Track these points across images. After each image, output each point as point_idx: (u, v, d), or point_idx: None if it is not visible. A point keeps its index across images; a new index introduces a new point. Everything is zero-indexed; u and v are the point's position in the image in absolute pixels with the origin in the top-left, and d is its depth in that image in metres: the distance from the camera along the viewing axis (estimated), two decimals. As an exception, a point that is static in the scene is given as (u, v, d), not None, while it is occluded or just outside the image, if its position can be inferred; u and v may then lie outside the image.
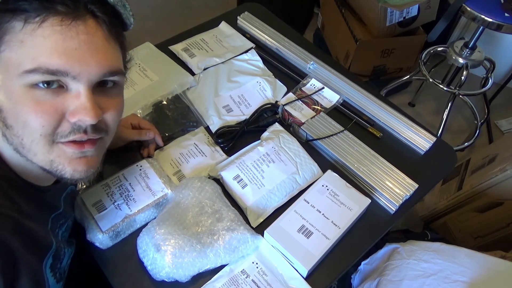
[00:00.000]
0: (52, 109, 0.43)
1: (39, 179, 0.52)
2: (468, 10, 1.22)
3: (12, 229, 0.45)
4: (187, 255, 0.61)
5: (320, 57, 0.97)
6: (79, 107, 0.44)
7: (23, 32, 0.41)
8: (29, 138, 0.44)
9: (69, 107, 0.44)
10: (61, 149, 0.46)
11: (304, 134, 0.83)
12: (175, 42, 0.99)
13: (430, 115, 1.81)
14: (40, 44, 0.41)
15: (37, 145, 0.45)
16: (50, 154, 0.46)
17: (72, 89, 0.44)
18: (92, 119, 0.45)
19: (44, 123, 0.43)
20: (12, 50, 0.42)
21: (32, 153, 0.46)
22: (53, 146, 0.46)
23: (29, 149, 0.45)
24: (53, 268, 0.53)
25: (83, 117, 0.44)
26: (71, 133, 0.45)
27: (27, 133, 0.44)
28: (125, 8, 0.48)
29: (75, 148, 0.47)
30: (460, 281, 0.74)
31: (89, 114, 0.44)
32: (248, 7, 1.10)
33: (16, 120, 0.44)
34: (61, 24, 0.42)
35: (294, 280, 0.64)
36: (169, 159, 0.78)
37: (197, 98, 0.88)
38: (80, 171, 0.48)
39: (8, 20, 0.41)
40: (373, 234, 0.72)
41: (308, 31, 2.11)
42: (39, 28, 0.41)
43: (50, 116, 0.43)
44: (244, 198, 0.72)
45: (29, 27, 0.41)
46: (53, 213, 0.56)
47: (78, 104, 0.44)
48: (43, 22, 0.41)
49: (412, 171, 0.77)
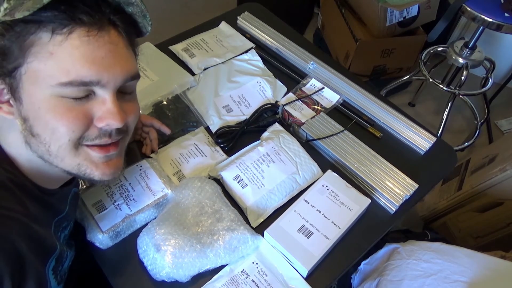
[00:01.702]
0: (81, 115, 0.46)
1: (51, 182, 0.53)
2: (468, 10, 1.22)
3: (22, 233, 0.46)
4: (187, 255, 0.61)
5: (320, 57, 0.97)
6: (106, 113, 0.47)
7: (51, 44, 0.42)
8: (56, 144, 0.46)
9: (96, 113, 0.47)
10: (87, 152, 0.49)
11: (304, 134, 0.83)
12: (175, 42, 0.99)
13: (430, 115, 1.81)
14: (71, 55, 0.43)
15: (64, 150, 0.47)
16: (77, 158, 0.48)
17: (99, 95, 0.46)
18: (120, 123, 0.47)
19: (75, 128, 0.46)
20: (41, 62, 0.43)
21: (59, 159, 0.48)
22: (79, 149, 0.48)
23: (56, 155, 0.47)
24: (55, 271, 0.53)
25: (111, 121, 0.47)
26: (97, 137, 0.48)
27: (55, 139, 0.46)
28: (144, 17, 0.50)
29: (101, 152, 0.49)
30: (460, 281, 0.74)
31: (117, 119, 0.47)
32: (248, 7, 1.10)
33: (44, 128, 0.45)
34: (88, 35, 0.43)
35: (294, 280, 0.64)
36: (169, 159, 0.78)
37: (197, 98, 0.88)
38: (109, 174, 0.51)
39: (34, 31, 0.42)
40: (373, 234, 0.72)
41: (308, 31, 2.11)
42: (67, 39, 0.42)
43: (81, 121, 0.46)
44: (244, 198, 0.72)
45: (57, 38, 0.42)
46: (57, 216, 0.56)
47: (105, 109, 0.47)
48: (71, 34, 0.42)
49: (412, 171, 0.77)
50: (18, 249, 0.44)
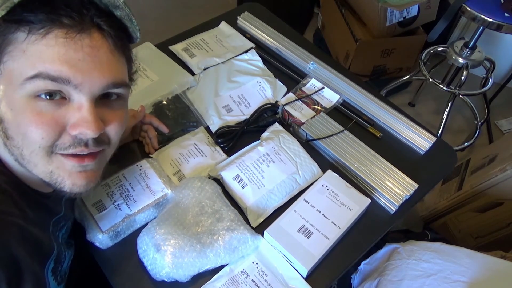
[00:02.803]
0: (53, 121, 0.43)
1: (42, 186, 0.52)
2: (468, 10, 1.22)
3: (18, 236, 0.45)
4: (187, 255, 0.61)
5: (320, 57, 0.97)
6: (80, 120, 0.43)
7: (25, 43, 0.41)
8: (28, 149, 0.44)
9: (70, 119, 0.44)
10: (60, 160, 0.46)
11: (304, 134, 0.83)
12: (175, 42, 0.99)
13: (430, 115, 1.81)
14: (42, 52, 0.41)
15: (36, 156, 0.44)
16: (49, 165, 0.45)
17: (75, 100, 0.43)
18: (93, 133, 0.44)
19: (44, 135, 0.43)
20: (14, 61, 0.41)
21: (32, 164, 0.45)
22: (52, 156, 0.45)
23: (29, 160, 0.45)
24: (54, 272, 0.53)
25: (84, 130, 0.43)
26: (71, 146, 0.45)
27: (27, 144, 0.43)
28: (131, 22, 0.48)
29: (75, 162, 0.46)
30: (460, 281, 0.74)
31: (91, 127, 0.43)
32: (248, 7, 1.10)
33: (16, 131, 0.43)
34: (66, 37, 0.41)
35: (294, 280, 0.64)
36: (169, 159, 0.78)
37: (197, 98, 0.88)
38: (80, 185, 0.47)
39: (13, 31, 0.41)
40: (373, 234, 0.72)
41: (308, 31, 2.11)
42: (42, 39, 0.41)
43: (51, 128, 0.43)
44: (244, 198, 0.72)
45: (32, 38, 0.41)
46: (54, 217, 0.56)
47: (80, 116, 0.43)
48: (48, 34, 0.41)
49: (412, 171, 0.77)
50: (14, 254, 0.44)
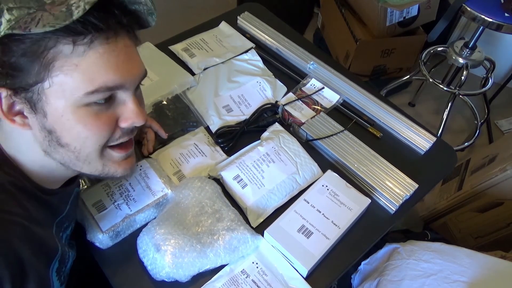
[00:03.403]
0: (108, 119, 0.48)
1: (54, 182, 0.54)
2: (468, 10, 1.22)
3: (22, 236, 0.46)
4: (187, 255, 0.61)
5: (320, 57, 0.97)
6: (130, 113, 0.49)
7: (75, 55, 0.42)
8: (86, 150, 0.48)
9: (121, 114, 0.49)
10: (109, 153, 0.52)
11: (304, 134, 0.83)
12: (175, 42, 0.99)
13: (430, 115, 1.81)
14: (96, 64, 0.43)
15: (93, 155, 0.50)
16: (102, 159, 0.51)
17: (119, 97, 0.48)
18: (143, 120, 0.50)
19: (104, 133, 0.48)
20: (67, 75, 0.43)
21: (87, 163, 0.50)
22: (104, 151, 0.51)
23: (85, 160, 0.50)
24: (59, 272, 0.54)
25: (136, 120, 0.50)
26: (121, 137, 0.51)
27: (87, 146, 0.48)
28: (151, 15, 0.51)
29: (121, 152, 0.53)
30: (460, 281, 0.74)
31: (140, 117, 0.50)
32: (248, 7, 1.10)
33: (75, 138, 0.47)
34: (108, 42, 0.44)
35: (294, 280, 0.64)
36: (169, 159, 0.78)
37: (197, 98, 0.88)
38: (129, 169, 0.56)
39: (54, 45, 0.41)
40: (373, 234, 0.72)
41: (308, 31, 2.11)
42: (90, 49, 0.42)
43: (108, 126, 0.48)
44: (244, 198, 0.72)
45: (79, 49, 0.42)
46: (58, 217, 0.56)
47: (129, 110, 0.49)
48: (92, 43, 0.42)
49: (412, 171, 0.77)
50: (18, 253, 0.44)
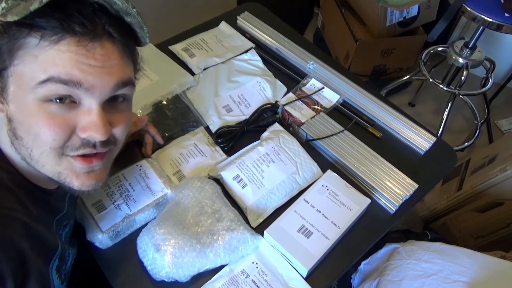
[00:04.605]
0: (64, 123, 0.44)
1: (47, 183, 0.53)
2: (468, 10, 1.22)
3: (23, 232, 0.46)
4: (187, 255, 0.61)
5: (320, 57, 0.97)
6: (89, 124, 0.45)
7: (38, 48, 0.41)
8: (38, 150, 0.45)
9: (80, 122, 0.45)
10: (70, 162, 0.47)
11: (304, 134, 0.82)
12: (175, 42, 0.99)
13: (430, 115, 1.81)
14: (54, 57, 0.42)
15: (46, 157, 0.46)
16: (58, 166, 0.47)
17: (85, 104, 0.45)
18: (102, 136, 0.46)
19: (55, 136, 0.44)
20: (26, 65, 0.42)
21: (40, 164, 0.47)
22: (62, 158, 0.47)
23: (38, 160, 0.46)
24: (59, 270, 0.54)
25: (93, 133, 0.45)
26: (81, 147, 0.46)
27: (37, 145, 0.45)
28: (142, 29, 0.49)
29: (84, 163, 0.48)
30: (460, 281, 0.74)
31: (99, 131, 0.45)
32: (248, 7, 1.10)
33: (27, 132, 0.44)
34: (78, 45, 0.42)
35: (294, 280, 0.64)
36: (169, 159, 0.78)
37: (197, 98, 0.88)
38: (88, 185, 0.49)
39: (25, 36, 0.41)
40: (373, 234, 0.72)
41: (308, 31, 2.11)
42: (55, 45, 0.42)
43: (62, 130, 0.44)
44: (244, 198, 0.72)
45: (44, 44, 0.41)
46: (58, 215, 0.56)
47: (89, 120, 0.45)
48: (60, 41, 0.41)
49: (412, 171, 0.77)
50: (19, 249, 0.44)
